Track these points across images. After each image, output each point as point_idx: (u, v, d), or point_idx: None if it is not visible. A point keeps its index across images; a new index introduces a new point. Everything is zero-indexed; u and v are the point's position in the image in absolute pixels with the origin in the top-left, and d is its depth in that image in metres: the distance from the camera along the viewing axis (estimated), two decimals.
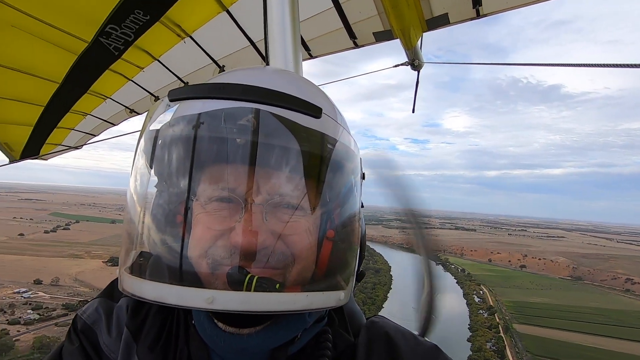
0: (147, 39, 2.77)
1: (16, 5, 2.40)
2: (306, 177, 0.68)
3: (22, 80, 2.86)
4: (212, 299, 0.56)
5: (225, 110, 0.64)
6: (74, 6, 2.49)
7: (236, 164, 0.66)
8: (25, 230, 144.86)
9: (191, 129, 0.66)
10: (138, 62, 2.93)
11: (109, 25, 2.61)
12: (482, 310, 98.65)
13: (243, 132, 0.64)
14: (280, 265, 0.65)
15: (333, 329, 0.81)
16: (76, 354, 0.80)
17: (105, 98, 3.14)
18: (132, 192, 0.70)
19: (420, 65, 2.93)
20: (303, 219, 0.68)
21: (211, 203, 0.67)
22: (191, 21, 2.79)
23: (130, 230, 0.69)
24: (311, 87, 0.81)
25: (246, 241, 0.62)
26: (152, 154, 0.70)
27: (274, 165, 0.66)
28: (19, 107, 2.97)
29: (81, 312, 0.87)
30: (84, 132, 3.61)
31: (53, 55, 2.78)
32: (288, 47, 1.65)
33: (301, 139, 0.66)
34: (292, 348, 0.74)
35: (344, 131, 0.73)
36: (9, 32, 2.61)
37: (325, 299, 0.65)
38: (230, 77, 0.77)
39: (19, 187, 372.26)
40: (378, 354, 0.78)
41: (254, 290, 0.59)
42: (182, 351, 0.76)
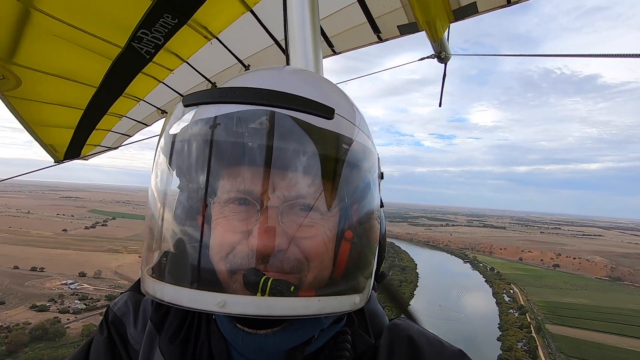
0: (176, 42, 2.83)
1: (56, 15, 2.51)
2: (321, 178, 0.67)
3: (63, 86, 3.01)
4: (224, 302, 0.56)
5: (238, 113, 0.64)
6: (108, 13, 2.58)
7: (251, 166, 0.66)
8: (67, 226, 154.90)
9: (205, 133, 0.66)
10: (168, 64, 3.00)
11: (140, 30, 2.70)
12: (512, 310, 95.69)
13: (255, 135, 0.64)
14: (295, 267, 0.64)
15: (352, 329, 0.80)
16: (102, 344, 0.84)
17: (138, 100, 3.25)
18: (152, 195, 0.71)
19: (447, 57, 2.83)
20: (319, 221, 0.68)
21: (229, 206, 0.67)
22: (217, 22, 2.83)
23: (150, 233, 0.71)
24: (328, 86, 0.80)
25: (261, 244, 0.62)
26: (170, 158, 0.71)
27: (288, 167, 0.65)
28: (61, 111, 3.13)
29: (113, 305, 0.91)
30: (120, 133, 3.77)
31: (90, 61, 2.90)
32: (308, 45, 1.63)
33: (315, 140, 0.65)
34: (310, 348, 0.74)
35: (360, 131, 0.71)
36: (51, 40, 2.75)
37: (339, 304, 0.64)
38: (247, 79, 0.77)
39: (60, 185, 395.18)
40: (400, 358, 0.75)
41: (269, 292, 0.59)
42: (203, 344, 0.77)
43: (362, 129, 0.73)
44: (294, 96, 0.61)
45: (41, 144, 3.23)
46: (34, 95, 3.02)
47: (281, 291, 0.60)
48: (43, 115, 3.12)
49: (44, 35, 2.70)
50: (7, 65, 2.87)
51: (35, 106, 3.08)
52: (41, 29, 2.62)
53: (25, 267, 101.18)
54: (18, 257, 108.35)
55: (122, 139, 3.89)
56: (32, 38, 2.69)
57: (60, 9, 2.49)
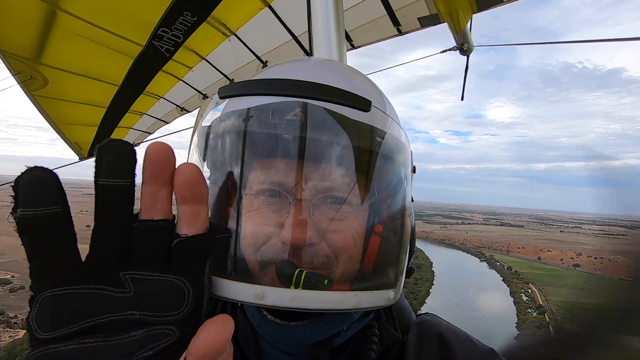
0: (195, 40, 2.83)
1: (81, 15, 2.54)
2: (354, 171, 0.66)
3: (87, 85, 3.06)
4: (262, 294, 0.56)
5: (272, 105, 0.63)
6: (130, 12, 2.60)
7: (284, 158, 0.65)
8: (90, 222, 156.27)
9: (239, 124, 0.66)
10: (187, 62, 3.01)
11: (160, 28, 2.71)
12: (530, 309, 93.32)
13: (290, 127, 0.63)
14: (327, 261, 0.63)
15: (380, 323, 0.78)
16: None
17: (158, 98, 3.27)
18: None
19: (470, 49, 2.72)
20: (351, 214, 0.66)
21: (260, 198, 0.66)
22: (235, 19, 2.82)
23: None
24: (358, 76, 0.78)
25: (294, 237, 0.61)
26: (205, 151, 0.70)
27: (321, 159, 0.64)
28: (85, 110, 3.18)
29: None
30: (140, 131, 3.82)
31: (112, 60, 2.94)
32: (332, 38, 1.60)
33: (349, 132, 0.63)
34: (337, 340, 0.73)
35: (393, 123, 0.69)
36: (76, 40, 2.79)
37: (375, 299, 0.63)
38: (276, 71, 0.75)
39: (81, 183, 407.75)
40: (429, 354, 0.74)
41: (303, 286, 0.58)
42: None
43: (395, 120, 0.71)
44: (330, 87, 0.59)
45: (67, 142, 3.30)
46: (60, 94, 3.09)
47: (315, 284, 0.58)
48: (68, 114, 3.18)
49: (69, 36, 2.74)
50: (35, 66, 2.93)
51: (61, 105, 3.14)
52: (66, 29, 2.66)
53: None
54: None
55: (143, 136, 3.95)
56: (58, 38, 2.73)
57: (85, 9, 2.52)
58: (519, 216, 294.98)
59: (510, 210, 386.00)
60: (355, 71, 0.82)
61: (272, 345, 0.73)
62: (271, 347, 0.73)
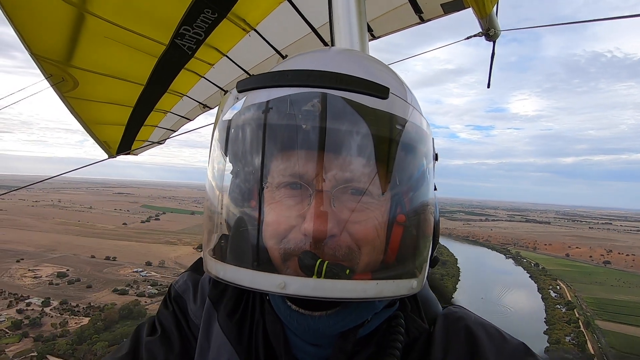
0: (216, 36, 2.79)
1: (107, 17, 2.56)
2: (375, 161, 0.64)
3: (114, 85, 3.09)
4: (284, 284, 0.56)
5: (290, 96, 0.62)
6: (153, 12, 2.59)
7: (303, 150, 0.64)
8: (126, 220, 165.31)
9: (258, 117, 0.65)
10: (209, 59, 2.98)
11: (182, 26, 2.68)
12: (559, 305, 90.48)
13: (308, 118, 0.62)
14: (349, 251, 0.62)
15: (405, 314, 0.77)
16: (170, 317, 0.89)
17: (182, 96, 3.27)
18: (210, 181, 0.71)
19: (497, 34, 2.53)
20: (372, 205, 0.65)
21: (281, 190, 0.66)
22: (255, 14, 2.75)
23: (210, 216, 0.72)
24: (378, 65, 0.76)
25: (315, 228, 0.60)
26: (226, 145, 0.70)
27: (341, 149, 0.63)
28: (113, 109, 3.23)
29: (174, 283, 0.95)
30: (165, 129, 3.85)
31: (137, 60, 2.95)
32: (354, 27, 1.54)
33: (368, 121, 0.62)
34: (362, 331, 0.72)
35: (414, 111, 0.67)
36: (103, 42, 2.82)
37: (396, 288, 0.62)
38: (295, 62, 0.74)
39: (109, 182, 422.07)
40: (457, 348, 0.71)
41: (325, 276, 0.58)
42: (258, 322, 0.79)
43: (417, 108, 0.69)
44: (347, 76, 0.58)
45: (96, 141, 3.37)
46: (89, 95, 3.14)
47: (337, 274, 0.59)
48: (98, 114, 3.24)
49: (97, 38, 2.77)
50: (66, 68, 2.99)
51: (91, 105, 3.20)
52: (94, 32, 2.68)
53: (100, 257, 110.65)
54: (92, 247, 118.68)
55: (168, 134, 3.98)
56: (86, 41, 2.77)
57: (110, 11, 2.53)
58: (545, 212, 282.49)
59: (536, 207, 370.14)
60: (375, 60, 0.79)
61: (299, 337, 0.73)
62: (299, 340, 0.73)
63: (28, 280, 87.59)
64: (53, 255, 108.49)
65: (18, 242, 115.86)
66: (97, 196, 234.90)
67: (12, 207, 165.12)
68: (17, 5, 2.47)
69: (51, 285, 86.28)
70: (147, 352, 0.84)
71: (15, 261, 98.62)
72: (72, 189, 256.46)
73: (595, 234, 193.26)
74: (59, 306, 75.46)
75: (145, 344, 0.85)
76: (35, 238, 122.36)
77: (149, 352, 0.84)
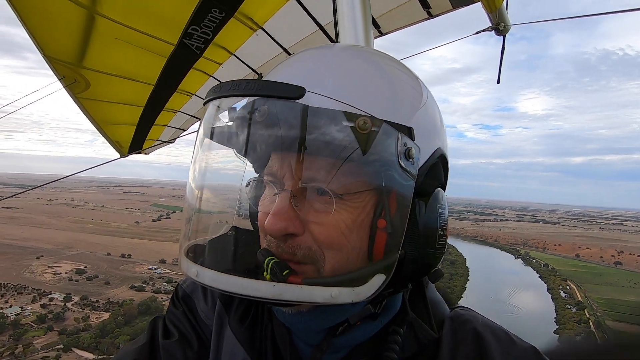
0: (224, 36, 2.77)
1: (116, 18, 2.55)
2: (336, 160, 0.61)
3: (125, 85, 3.09)
4: (197, 272, 0.60)
5: (245, 104, 0.64)
6: (161, 12, 2.58)
7: (275, 152, 0.65)
8: (138, 218, 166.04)
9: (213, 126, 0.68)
10: (217, 58, 2.97)
11: (190, 26, 2.67)
12: (569, 305, 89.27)
13: (248, 122, 0.63)
14: (309, 252, 0.62)
15: (412, 320, 0.73)
16: (181, 317, 0.87)
17: (191, 95, 3.26)
18: (188, 185, 0.73)
19: (506, 29, 2.45)
20: (332, 206, 0.62)
21: (251, 189, 0.71)
22: (262, 13, 2.73)
23: (185, 220, 0.73)
24: (384, 60, 0.73)
25: (268, 225, 0.60)
26: (197, 150, 0.72)
27: (301, 149, 0.62)
28: (124, 109, 3.23)
29: (182, 283, 0.94)
30: (175, 128, 3.84)
31: (147, 60, 2.94)
32: (358, 24, 1.50)
33: (318, 119, 0.59)
34: (357, 337, 0.71)
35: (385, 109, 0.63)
36: (113, 43, 2.82)
37: (300, 293, 0.57)
38: (297, 60, 0.75)
39: (119, 181, 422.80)
40: (465, 352, 0.68)
41: (269, 274, 0.59)
42: (267, 327, 0.78)
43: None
44: (257, 82, 0.59)
45: (108, 141, 3.38)
46: (101, 95, 3.15)
47: (275, 273, 0.59)
48: (109, 114, 3.25)
49: (107, 39, 2.77)
50: (78, 70, 3.00)
51: (103, 106, 3.21)
52: (104, 33, 2.68)
53: (115, 254, 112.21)
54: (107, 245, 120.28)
55: (178, 133, 3.98)
56: (97, 42, 2.77)
57: (120, 12, 2.53)
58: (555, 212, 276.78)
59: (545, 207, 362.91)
60: (383, 55, 0.76)
61: (302, 340, 0.73)
62: (302, 343, 0.73)
63: (49, 277, 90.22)
64: (70, 252, 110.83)
65: (36, 240, 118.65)
66: (108, 195, 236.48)
67: (27, 206, 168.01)
68: (29, 8, 2.48)
69: (71, 282, 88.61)
70: (167, 354, 0.83)
71: (36, 258, 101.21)
72: (83, 188, 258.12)
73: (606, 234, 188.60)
74: (80, 301, 77.63)
75: (163, 346, 0.83)
76: (52, 236, 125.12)
77: (168, 355, 0.83)
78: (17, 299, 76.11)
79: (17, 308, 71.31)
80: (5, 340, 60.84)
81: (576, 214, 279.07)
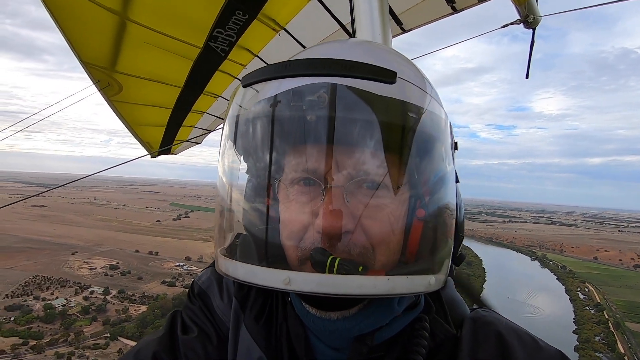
0: (247, 37, 2.74)
1: (146, 23, 2.56)
2: (388, 152, 0.58)
3: (154, 88, 3.10)
4: (289, 279, 0.53)
5: (295, 88, 0.58)
6: (187, 17, 2.57)
7: (312, 144, 0.60)
8: (159, 217, 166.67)
9: (264, 112, 0.61)
10: (241, 60, 2.93)
11: (215, 29, 2.64)
12: (588, 307, 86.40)
13: (314, 110, 0.57)
14: (363, 250, 0.58)
15: (430, 317, 0.69)
16: (199, 312, 0.84)
17: (216, 97, 3.24)
18: (221, 179, 0.68)
19: (537, 21, 2.27)
20: (388, 199, 0.59)
21: (292, 187, 0.62)
22: (284, 13, 2.67)
23: (221, 216, 0.68)
24: (394, 55, 0.69)
25: (325, 225, 0.56)
26: (234, 141, 0.66)
27: (350, 141, 0.58)
28: (154, 111, 3.24)
29: (197, 279, 0.90)
30: (202, 129, 3.84)
31: (175, 63, 2.95)
32: (376, 22, 1.44)
33: (379, 110, 0.56)
34: (385, 334, 0.66)
35: (431, 98, 0.61)
36: (143, 48, 2.83)
37: (410, 284, 0.56)
38: (307, 53, 0.68)
39: (136, 180, 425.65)
40: (487, 355, 0.63)
41: (337, 272, 0.54)
42: (282, 326, 0.75)
43: (433, 96, 0.62)
44: (350, 62, 0.53)
45: (140, 141, 3.40)
46: (132, 98, 3.17)
47: (349, 270, 0.54)
48: (140, 116, 3.26)
49: (138, 44, 2.78)
50: (111, 74, 3.03)
51: (134, 108, 3.23)
52: (135, 38, 2.70)
53: (143, 251, 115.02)
54: (133, 242, 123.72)
55: (205, 134, 3.97)
56: (128, 47, 2.79)
57: (149, 17, 2.53)
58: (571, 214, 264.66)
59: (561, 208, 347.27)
60: (390, 50, 0.74)
61: (321, 341, 0.69)
62: (320, 343, 0.69)
63: (85, 271, 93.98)
64: (101, 249, 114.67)
65: (68, 237, 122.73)
66: (127, 194, 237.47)
67: (54, 204, 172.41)
68: (67, 16, 2.51)
69: (107, 276, 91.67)
70: (187, 349, 0.80)
71: (71, 254, 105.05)
72: (103, 187, 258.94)
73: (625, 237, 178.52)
74: (117, 295, 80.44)
75: (182, 341, 0.80)
76: (81, 233, 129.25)
77: (189, 350, 0.80)
78: (61, 292, 79.77)
79: (62, 300, 74.74)
80: (57, 329, 64.63)
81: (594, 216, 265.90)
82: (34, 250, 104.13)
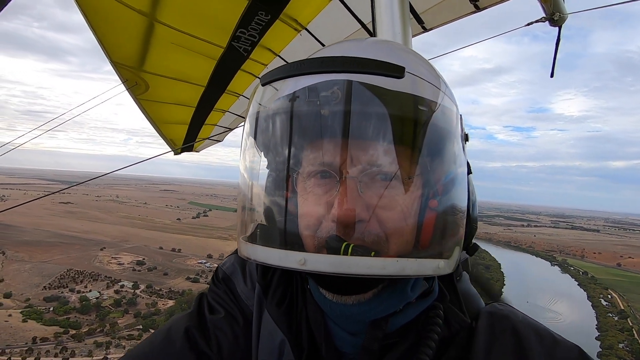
0: (269, 37, 2.76)
1: (173, 24, 2.62)
2: (399, 144, 0.60)
3: (179, 87, 3.18)
4: (304, 260, 0.55)
5: (310, 85, 0.60)
6: (212, 18, 2.61)
7: (327, 137, 0.62)
8: (179, 215, 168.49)
9: (281, 108, 0.64)
10: (263, 59, 2.96)
11: (239, 29, 2.68)
12: (611, 314, 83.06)
13: (327, 105, 0.60)
14: (377, 239, 0.59)
15: (445, 305, 0.70)
16: (224, 295, 0.87)
17: (238, 96, 3.28)
18: (242, 172, 0.70)
19: (563, 18, 2.20)
20: (398, 189, 0.61)
21: (309, 180, 0.64)
22: (306, 13, 2.68)
23: (243, 206, 0.70)
24: (406, 52, 0.71)
25: (340, 213, 0.58)
26: (254, 137, 0.69)
27: (362, 134, 0.59)
28: (178, 109, 3.32)
29: (221, 265, 0.92)
30: (224, 127, 3.90)
31: (199, 63, 3.00)
32: (396, 21, 1.44)
33: (391, 103, 0.58)
34: (400, 320, 0.68)
35: (443, 95, 0.62)
36: (170, 48, 2.89)
37: (419, 266, 0.58)
38: (323, 52, 0.70)
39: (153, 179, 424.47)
40: (502, 347, 0.62)
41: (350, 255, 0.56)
42: (302, 312, 0.77)
43: (445, 92, 0.64)
44: (358, 58, 0.56)
45: (164, 139, 3.49)
46: (158, 96, 3.26)
47: (361, 254, 0.56)
48: (165, 114, 3.35)
49: (164, 44, 2.85)
50: (139, 73, 3.12)
51: (159, 106, 3.31)
52: (162, 38, 2.77)
53: (166, 248, 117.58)
54: (157, 239, 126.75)
55: (226, 132, 4.04)
56: (156, 48, 2.87)
57: (176, 18, 2.59)
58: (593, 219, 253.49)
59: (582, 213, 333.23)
60: (407, 49, 0.76)
61: (339, 326, 0.71)
62: (338, 328, 0.71)
63: (114, 266, 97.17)
64: (127, 245, 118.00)
65: (95, 233, 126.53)
66: (147, 192, 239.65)
67: (79, 201, 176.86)
68: (100, 18, 2.60)
69: (134, 272, 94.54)
70: (216, 328, 0.82)
71: (100, 249, 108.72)
72: (123, 185, 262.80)
73: None
74: (146, 289, 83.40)
75: (210, 320, 0.83)
76: (107, 229, 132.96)
77: (217, 329, 0.82)
78: (94, 285, 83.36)
79: (96, 292, 78.75)
80: (92, 319, 68.67)
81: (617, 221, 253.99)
82: (65, 245, 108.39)
